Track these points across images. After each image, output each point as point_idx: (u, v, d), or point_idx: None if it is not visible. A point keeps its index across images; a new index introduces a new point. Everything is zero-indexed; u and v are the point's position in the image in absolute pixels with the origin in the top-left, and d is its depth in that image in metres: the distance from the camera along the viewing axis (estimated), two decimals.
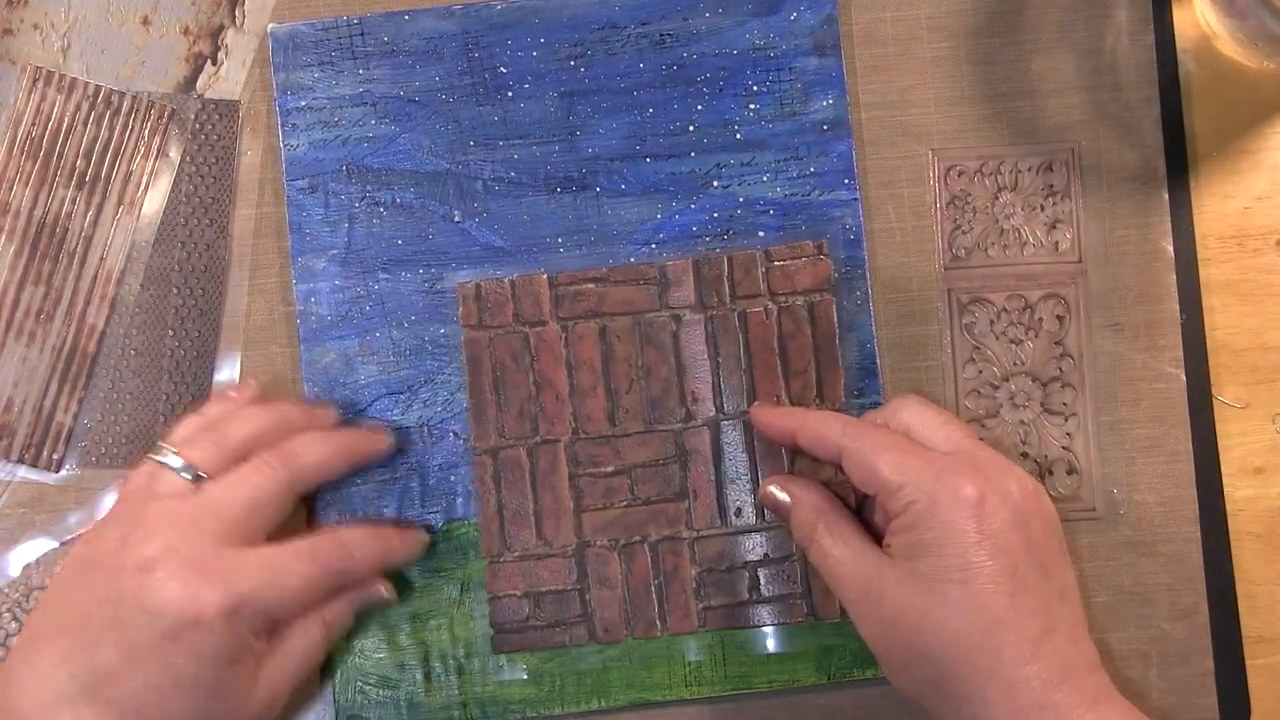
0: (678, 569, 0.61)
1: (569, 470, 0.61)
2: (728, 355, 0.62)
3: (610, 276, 0.62)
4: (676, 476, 0.61)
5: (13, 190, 0.63)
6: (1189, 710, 0.61)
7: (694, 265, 0.62)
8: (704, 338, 0.62)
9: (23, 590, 0.62)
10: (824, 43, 0.63)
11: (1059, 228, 0.63)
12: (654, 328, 0.62)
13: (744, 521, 0.61)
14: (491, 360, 0.62)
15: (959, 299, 0.63)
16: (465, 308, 0.62)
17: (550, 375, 0.61)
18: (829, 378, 0.61)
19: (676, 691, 0.61)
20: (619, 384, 0.62)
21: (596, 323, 0.62)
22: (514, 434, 0.61)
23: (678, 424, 0.61)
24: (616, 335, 0.61)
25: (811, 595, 0.61)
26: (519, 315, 0.62)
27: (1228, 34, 0.63)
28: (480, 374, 0.62)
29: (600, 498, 0.61)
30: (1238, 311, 0.63)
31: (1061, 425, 0.62)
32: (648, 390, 0.61)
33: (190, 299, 0.63)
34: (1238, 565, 0.62)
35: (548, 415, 0.61)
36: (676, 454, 0.61)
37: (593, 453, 0.61)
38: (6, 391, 0.62)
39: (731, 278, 0.62)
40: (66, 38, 0.64)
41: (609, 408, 0.61)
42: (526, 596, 0.61)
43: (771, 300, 0.62)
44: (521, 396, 0.61)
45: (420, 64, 0.63)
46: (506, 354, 0.61)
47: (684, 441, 0.61)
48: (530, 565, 0.61)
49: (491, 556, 0.61)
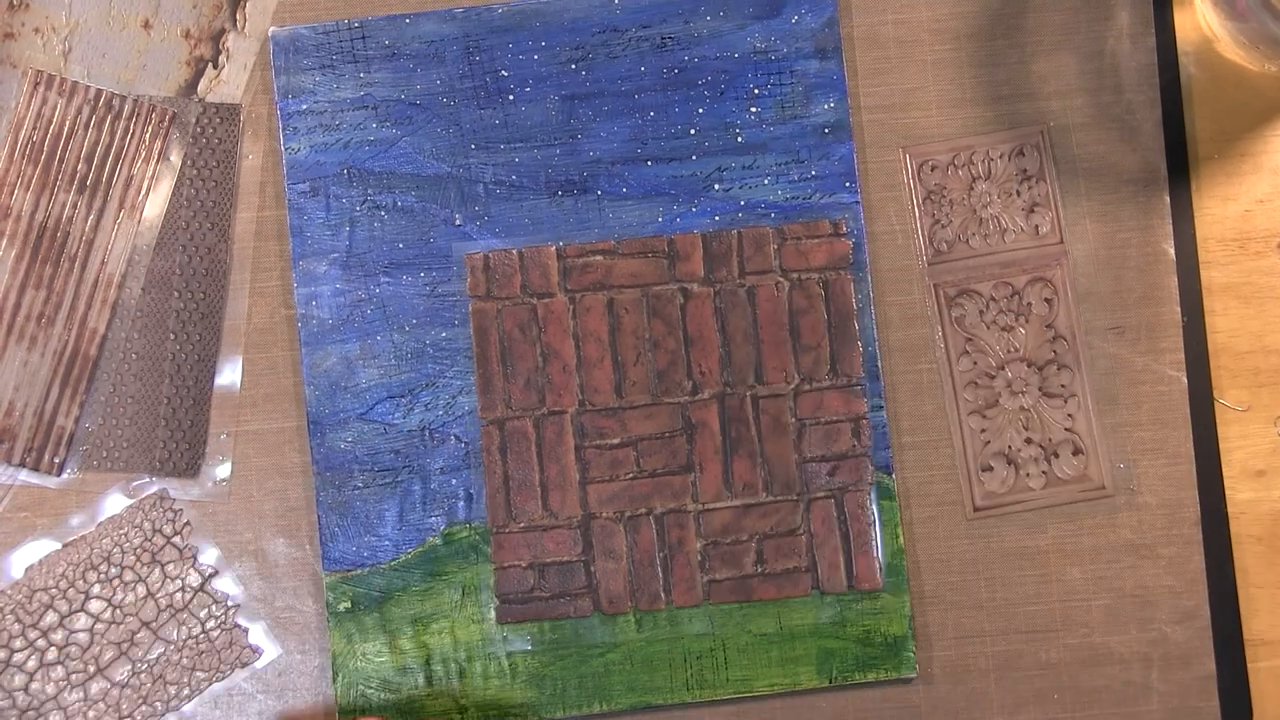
0: (683, 542, 0.61)
1: (575, 442, 0.61)
2: (735, 329, 0.62)
3: (619, 249, 0.62)
4: (683, 449, 0.61)
5: (14, 194, 0.63)
6: (1191, 713, 0.61)
7: (703, 239, 0.62)
8: (712, 311, 0.62)
9: (25, 592, 0.62)
10: (825, 46, 0.63)
11: (1037, 211, 0.63)
12: (661, 300, 0.62)
13: (750, 495, 0.61)
14: (499, 331, 0.62)
15: (946, 293, 0.63)
16: (473, 278, 0.62)
17: (557, 347, 0.61)
18: (846, 354, 0.61)
19: (678, 695, 0.61)
20: (626, 356, 0.62)
21: (604, 295, 0.62)
22: (520, 405, 0.61)
23: (684, 397, 0.62)
24: (624, 308, 0.61)
25: (817, 569, 0.61)
26: (527, 286, 0.62)
27: (1229, 37, 0.63)
28: (487, 344, 0.62)
29: (606, 469, 0.61)
30: (1239, 314, 0.63)
31: (1062, 407, 0.62)
32: (654, 363, 0.62)
33: (191, 302, 0.63)
34: (1239, 568, 0.62)
35: (554, 386, 0.61)
36: (683, 427, 0.61)
37: (599, 424, 0.61)
38: (8, 395, 0.62)
39: (741, 253, 0.62)
40: (67, 41, 0.64)
41: (616, 380, 0.62)
42: (532, 568, 0.61)
43: (784, 276, 0.62)
44: (528, 368, 0.61)
45: (421, 67, 0.63)
46: (514, 325, 0.61)
47: (690, 414, 0.61)
48: (535, 536, 0.61)
49: (497, 527, 0.61)
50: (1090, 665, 0.62)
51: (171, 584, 0.62)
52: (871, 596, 0.61)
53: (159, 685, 0.62)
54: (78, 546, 0.62)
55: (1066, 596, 0.62)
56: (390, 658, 0.61)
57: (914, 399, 0.63)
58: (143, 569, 0.62)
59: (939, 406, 0.63)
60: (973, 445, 0.62)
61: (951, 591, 0.62)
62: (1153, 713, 0.61)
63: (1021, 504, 0.62)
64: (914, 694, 0.62)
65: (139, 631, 0.62)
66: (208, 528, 0.63)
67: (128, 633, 0.62)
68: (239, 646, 0.62)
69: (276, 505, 0.63)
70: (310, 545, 0.63)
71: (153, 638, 0.62)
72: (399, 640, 0.61)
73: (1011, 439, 0.62)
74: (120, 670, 0.62)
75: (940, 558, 0.62)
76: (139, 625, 0.62)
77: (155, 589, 0.62)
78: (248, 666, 0.62)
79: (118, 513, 0.62)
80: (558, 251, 0.62)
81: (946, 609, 0.62)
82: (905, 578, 0.61)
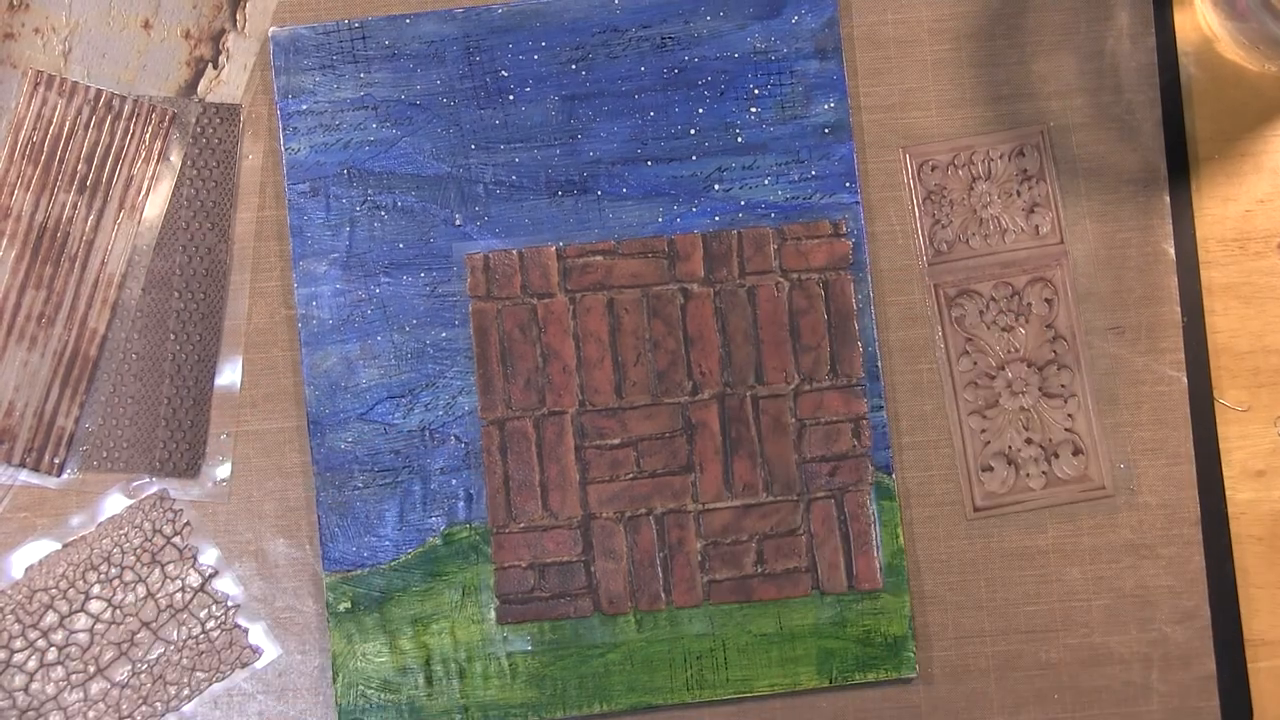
0: (683, 542, 0.61)
1: (575, 442, 0.61)
2: (735, 329, 0.62)
3: (619, 249, 0.62)
4: (683, 449, 0.61)
5: (14, 195, 0.63)
6: (1191, 713, 0.61)
7: (703, 239, 0.62)
8: (712, 311, 0.62)
9: (25, 592, 0.62)
10: (825, 46, 0.63)
11: (1037, 211, 0.63)
12: (661, 301, 0.62)
13: (750, 495, 0.61)
14: (499, 331, 0.62)
15: (946, 293, 0.63)
16: (473, 278, 0.62)
17: (557, 347, 0.61)
18: (846, 354, 0.61)
19: (678, 695, 0.61)
20: (626, 356, 0.62)
21: (604, 295, 0.62)
22: (521, 405, 0.61)
23: (684, 397, 0.62)
24: (624, 308, 0.61)
25: (817, 569, 0.61)
26: (527, 287, 0.62)
27: (1229, 37, 0.63)
28: (487, 345, 0.61)
29: (606, 470, 0.61)
30: (1239, 314, 0.63)
31: (1062, 407, 0.62)
32: (654, 363, 0.62)
33: (191, 303, 0.63)
34: (1239, 568, 0.62)
35: (554, 387, 0.61)
36: (683, 427, 0.61)
37: (599, 425, 0.61)
38: (8, 396, 0.62)
39: (741, 253, 0.62)
40: (68, 42, 0.64)
41: (616, 380, 0.61)
42: (532, 568, 0.61)
43: (783, 276, 0.62)
44: (528, 368, 0.61)
45: (421, 67, 0.63)
46: (514, 325, 0.61)
47: (691, 414, 0.61)
48: (535, 536, 0.61)
49: (497, 527, 0.61)
50: (1090, 665, 0.62)
51: (171, 584, 0.62)
52: (871, 596, 0.61)
53: (159, 685, 0.62)
54: (78, 547, 0.62)
55: (1066, 596, 0.62)
56: (390, 658, 0.61)
57: (914, 399, 0.63)
58: (143, 569, 0.62)
59: (939, 406, 0.63)
60: (973, 445, 0.62)
61: (951, 591, 0.62)
62: (1153, 713, 0.61)
63: (1021, 504, 0.62)
64: (914, 694, 0.62)
65: (139, 632, 0.62)
66: (208, 528, 0.63)
67: (128, 633, 0.62)
68: (239, 647, 0.62)
69: (276, 505, 0.63)
70: (310, 545, 0.63)
71: (153, 638, 0.62)
72: (399, 640, 0.61)
73: (1011, 439, 0.62)
74: (120, 670, 0.62)
75: (940, 558, 0.62)
76: (139, 625, 0.62)
77: (155, 589, 0.62)
78: (248, 667, 0.62)
79: (118, 513, 0.62)
80: (558, 252, 0.62)
81: (946, 609, 0.62)
82: (905, 578, 0.61)
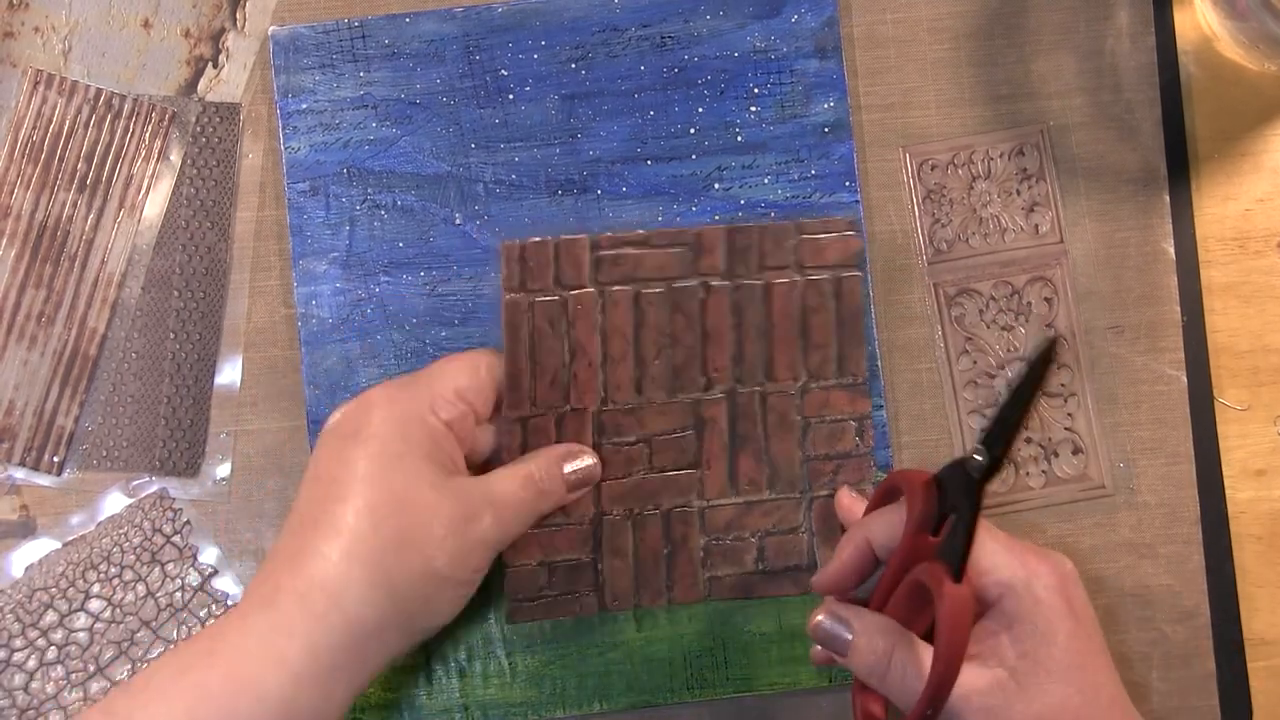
0: (686, 538, 0.61)
1: (594, 440, 0.61)
2: (749, 325, 0.61)
3: (650, 240, 0.62)
4: (692, 446, 0.61)
5: (14, 194, 0.63)
6: (1191, 713, 0.61)
7: (726, 233, 0.62)
8: (728, 307, 0.61)
9: (25, 591, 0.62)
10: (825, 45, 0.63)
11: (1037, 210, 0.63)
12: (684, 295, 0.61)
13: (754, 492, 0.61)
14: (529, 327, 0.61)
15: (945, 292, 0.63)
16: (508, 269, 0.61)
17: (584, 342, 0.61)
18: (852, 354, 0.61)
19: (679, 694, 0.61)
20: (647, 352, 0.61)
21: (631, 288, 0.61)
22: (545, 402, 0.61)
23: (697, 393, 0.61)
24: (649, 302, 0.61)
25: (817, 568, 0.61)
26: (559, 279, 0.61)
27: (1229, 36, 0.63)
28: (517, 341, 0.60)
29: (621, 467, 0.61)
30: (1239, 314, 0.63)
31: (1062, 406, 0.62)
32: (672, 359, 0.61)
33: (191, 302, 0.63)
34: (1239, 567, 0.62)
35: (579, 383, 0.61)
36: (694, 423, 0.61)
37: (618, 422, 0.61)
38: (8, 395, 0.62)
39: (761, 248, 0.62)
40: (67, 40, 0.64)
41: (636, 376, 0.61)
42: (542, 566, 0.61)
43: (799, 273, 0.62)
44: (555, 364, 0.61)
45: (421, 66, 0.63)
46: (544, 320, 0.61)
47: (701, 411, 0.61)
48: (548, 535, 0.61)
49: None
50: None
51: (171, 583, 0.62)
52: None
53: None
54: (78, 546, 0.62)
55: None
56: None
57: (914, 399, 0.63)
58: (143, 568, 0.62)
59: (939, 406, 0.63)
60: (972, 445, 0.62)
61: None
62: (1153, 712, 0.61)
63: (1021, 503, 0.62)
64: None
65: (139, 631, 0.62)
66: (208, 527, 0.63)
67: (128, 632, 0.62)
68: None
69: (276, 505, 0.63)
70: None
71: (153, 637, 0.62)
72: None
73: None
74: (120, 670, 0.62)
75: None
76: (139, 625, 0.62)
77: (155, 588, 0.62)
78: None
79: (118, 512, 0.62)
80: (591, 242, 0.61)
81: None
82: None
